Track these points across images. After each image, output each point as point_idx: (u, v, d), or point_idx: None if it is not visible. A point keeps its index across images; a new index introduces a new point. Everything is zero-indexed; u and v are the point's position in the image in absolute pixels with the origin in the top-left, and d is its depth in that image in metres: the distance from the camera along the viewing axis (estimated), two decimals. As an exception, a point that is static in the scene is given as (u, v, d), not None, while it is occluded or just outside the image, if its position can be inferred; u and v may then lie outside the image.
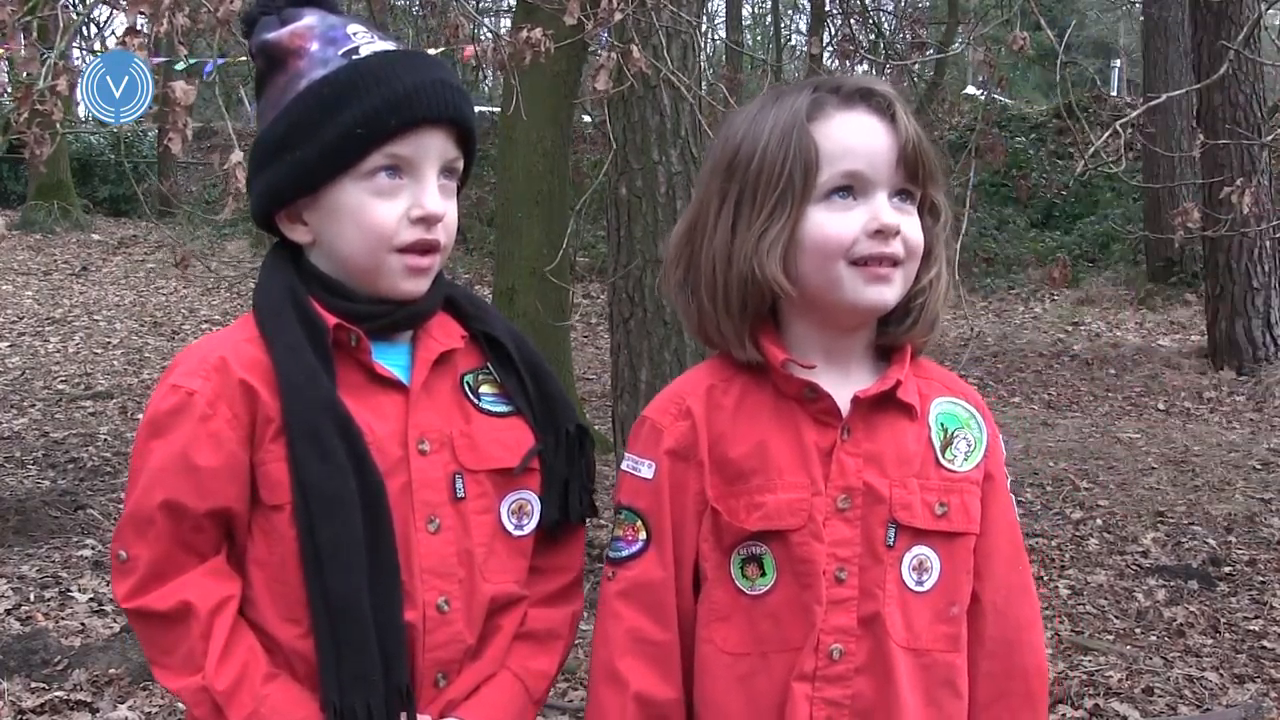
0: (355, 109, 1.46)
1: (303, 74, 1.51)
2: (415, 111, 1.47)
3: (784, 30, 22.27)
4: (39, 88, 3.27)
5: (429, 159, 1.50)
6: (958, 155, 7.61)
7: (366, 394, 1.51)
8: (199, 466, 1.46)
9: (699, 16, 4.86)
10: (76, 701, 3.74)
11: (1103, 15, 23.41)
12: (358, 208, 1.49)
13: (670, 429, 1.53)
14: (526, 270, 7.06)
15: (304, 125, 1.48)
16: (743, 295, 1.50)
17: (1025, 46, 4.30)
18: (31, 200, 15.47)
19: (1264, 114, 9.19)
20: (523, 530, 1.58)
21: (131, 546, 1.48)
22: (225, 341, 1.53)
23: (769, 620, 1.49)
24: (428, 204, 1.49)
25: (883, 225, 1.46)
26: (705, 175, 1.59)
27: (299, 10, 1.56)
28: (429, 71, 1.51)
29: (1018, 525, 1.62)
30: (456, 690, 1.53)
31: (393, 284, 1.52)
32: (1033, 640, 1.58)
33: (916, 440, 1.53)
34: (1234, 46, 6.14)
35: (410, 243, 1.50)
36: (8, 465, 6.72)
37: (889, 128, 1.49)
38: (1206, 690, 4.09)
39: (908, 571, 1.50)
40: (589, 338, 11.48)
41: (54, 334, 10.63)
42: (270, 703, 1.45)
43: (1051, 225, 15.56)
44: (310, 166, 1.49)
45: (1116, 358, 10.66)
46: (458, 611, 1.52)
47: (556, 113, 7.13)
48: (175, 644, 1.47)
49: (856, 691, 1.48)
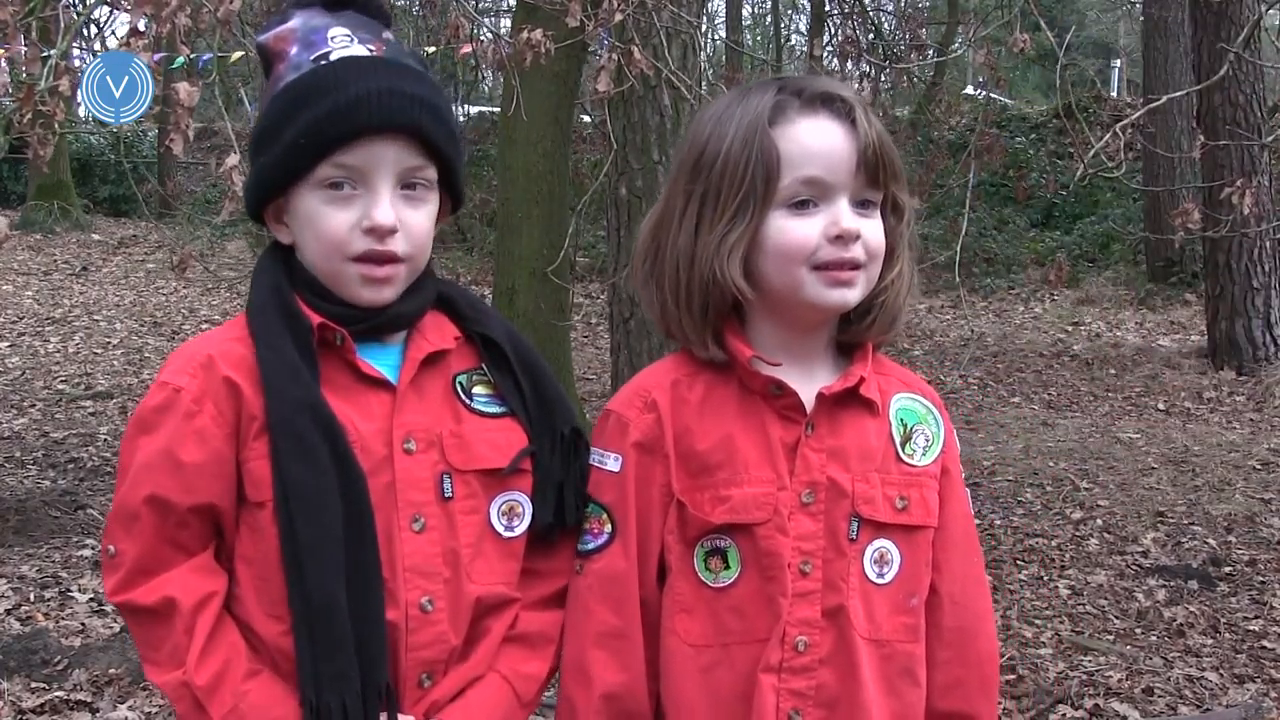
0: (302, 119, 1.47)
1: (281, 78, 1.53)
2: (355, 122, 1.47)
3: (784, 30, 22.27)
4: (40, 88, 3.27)
5: (380, 169, 1.49)
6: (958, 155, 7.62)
7: (353, 393, 1.52)
8: (183, 462, 1.48)
9: (699, 17, 4.86)
10: (76, 701, 3.74)
11: (1103, 15, 23.41)
12: (313, 215, 1.51)
13: (636, 422, 1.55)
14: (526, 270, 7.06)
15: (269, 131, 1.51)
16: (704, 296, 1.53)
17: (1026, 48, 4.31)
18: (31, 200, 15.46)
19: (1264, 114, 9.18)
20: (514, 532, 1.58)
21: (119, 541, 1.50)
22: (214, 340, 1.55)
23: (732, 613, 1.52)
24: (376, 215, 1.49)
25: (843, 231, 1.49)
26: (673, 171, 1.62)
27: (295, 10, 1.57)
28: (380, 80, 1.49)
29: (972, 518, 1.67)
30: (441, 691, 1.53)
31: (353, 293, 1.53)
32: (988, 629, 1.63)
33: (878, 435, 1.57)
34: (1234, 49, 6.14)
35: (362, 253, 1.50)
36: (8, 465, 6.72)
37: (849, 132, 1.51)
38: (1206, 690, 4.09)
39: (869, 564, 1.54)
40: (589, 338, 11.48)
41: (54, 334, 10.62)
42: (250, 699, 1.46)
43: (1051, 225, 15.56)
44: (272, 172, 1.52)
45: (1116, 358, 10.66)
46: (442, 611, 1.52)
47: (556, 113, 7.13)
48: (161, 639, 1.49)
49: (821, 682, 1.51)
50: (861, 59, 9.18)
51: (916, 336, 11.86)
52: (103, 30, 17.26)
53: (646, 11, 3.85)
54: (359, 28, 1.56)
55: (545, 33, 3.72)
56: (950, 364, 10.53)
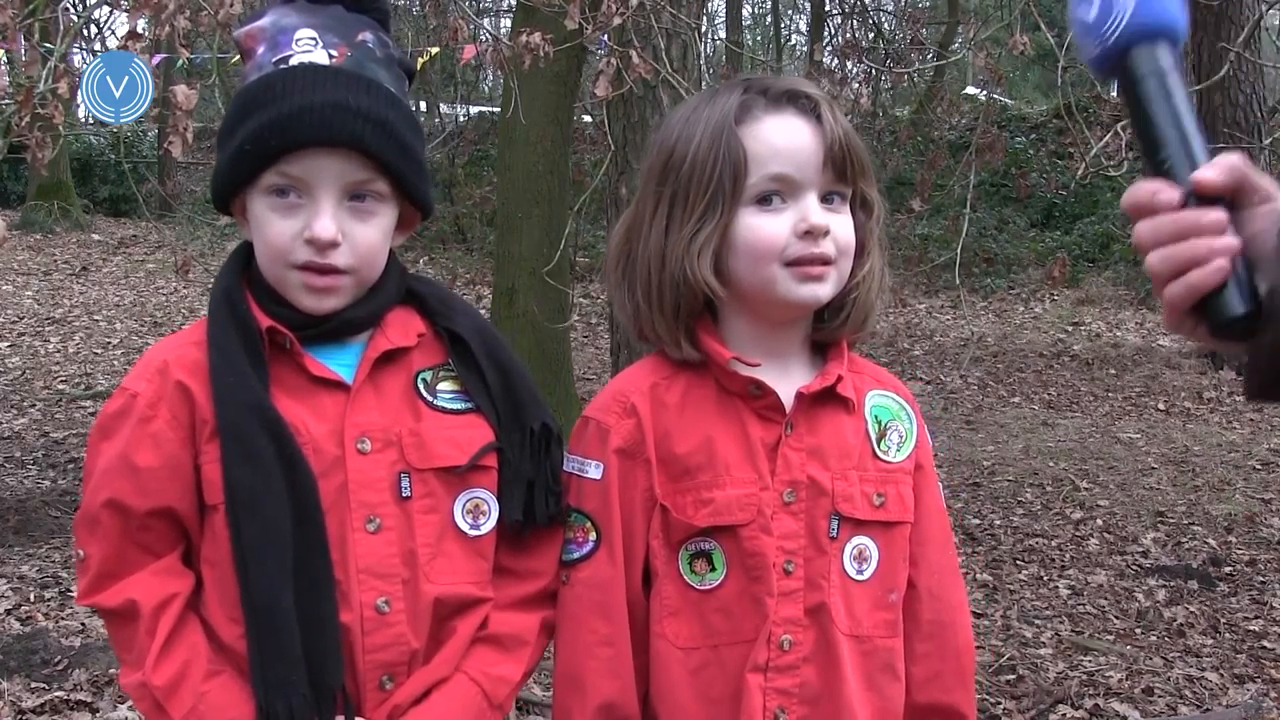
0: (250, 124, 1.48)
1: (246, 76, 1.54)
2: (296, 134, 1.46)
3: (784, 30, 22.27)
4: (40, 90, 3.27)
5: (323, 182, 1.49)
6: (958, 155, 7.61)
7: (305, 394, 1.52)
8: (139, 467, 1.49)
9: (699, 18, 4.86)
10: (76, 701, 3.74)
11: (1103, 15, 23.36)
12: (260, 220, 1.52)
13: (617, 428, 1.55)
14: (526, 270, 7.06)
15: (225, 130, 1.53)
16: (675, 296, 1.54)
17: (1026, 49, 4.31)
18: (31, 200, 15.46)
19: (1264, 114, 9.18)
20: (479, 530, 1.56)
21: (85, 545, 1.52)
22: (172, 345, 1.56)
23: (720, 614, 1.53)
24: (315, 228, 1.48)
25: (811, 226, 1.50)
26: (643, 175, 1.63)
27: (273, 6, 1.56)
28: (327, 93, 1.47)
29: (945, 511, 1.68)
30: (404, 694, 1.51)
31: (297, 299, 1.53)
32: (963, 620, 1.65)
33: (854, 433, 1.58)
34: (1234, 49, 6.14)
35: (303, 262, 1.50)
36: (8, 465, 6.72)
37: (815, 129, 1.52)
38: (1206, 690, 4.09)
39: (849, 561, 1.55)
40: (589, 338, 11.48)
41: (54, 334, 10.63)
42: (210, 699, 1.47)
43: (1051, 225, 15.55)
44: (223, 174, 1.53)
45: (1116, 358, 10.66)
46: (400, 613, 1.50)
47: (556, 112, 7.13)
48: (129, 641, 1.50)
49: (804, 680, 1.52)
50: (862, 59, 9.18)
51: (916, 336, 11.87)
52: (102, 30, 17.26)
53: (646, 13, 3.85)
54: (331, 29, 1.53)
55: (544, 35, 3.72)
56: (950, 364, 10.53)
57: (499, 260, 7.66)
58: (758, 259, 1.51)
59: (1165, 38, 1.06)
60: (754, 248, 1.51)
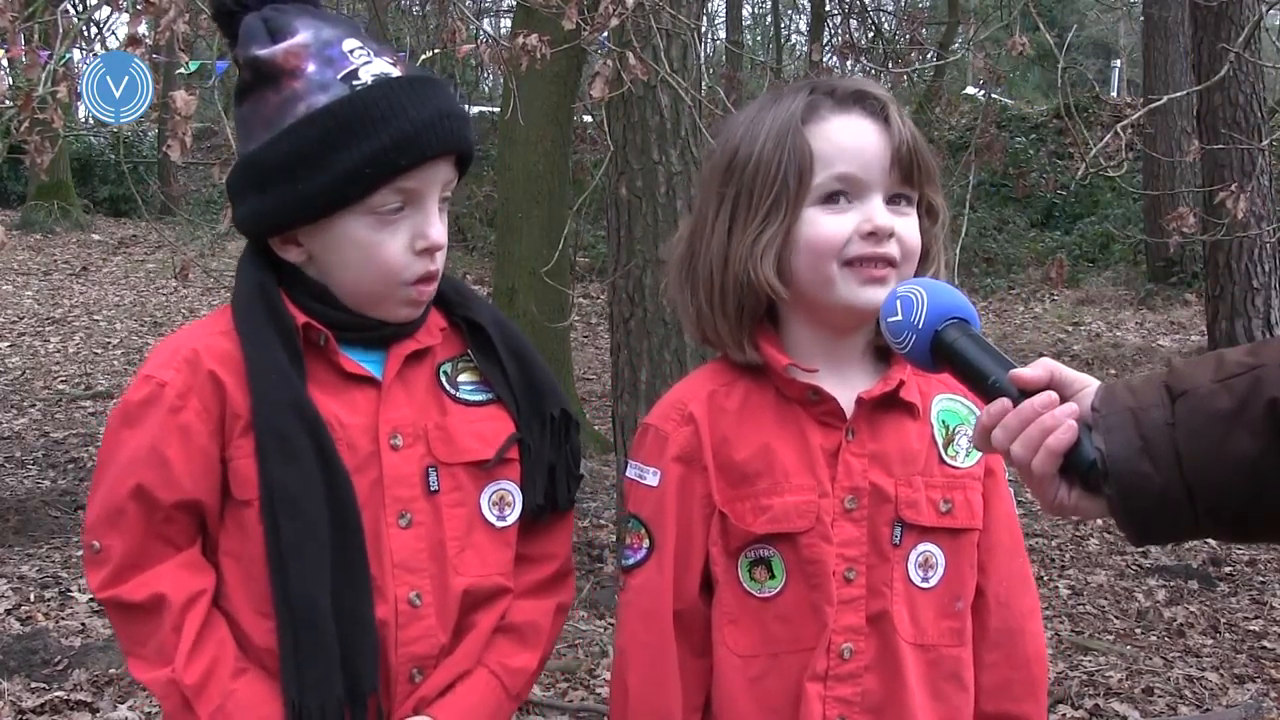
0: (364, 147, 1.44)
1: (299, 97, 1.47)
2: (425, 150, 1.47)
3: (784, 30, 22.27)
4: (39, 94, 3.27)
5: (434, 189, 1.50)
6: (958, 155, 7.62)
7: (338, 390, 1.52)
8: (169, 459, 1.47)
9: (698, 18, 4.87)
10: (76, 701, 3.74)
11: (1103, 15, 23.40)
12: (365, 242, 1.49)
13: (675, 435, 1.54)
14: (526, 270, 7.07)
15: (308, 157, 1.46)
16: (738, 297, 1.52)
17: (1025, 50, 4.31)
18: (31, 200, 15.46)
19: (1264, 115, 9.17)
20: (505, 521, 1.58)
21: (104, 537, 1.49)
22: (199, 333, 1.54)
23: (779, 622, 1.51)
24: (433, 235, 1.50)
25: (876, 227, 1.48)
26: (706, 177, 1.61)
27: (288, 19, 1.51)
28: (434, 103, 1.48)
29: (1016, 517, 1.65)
30: (429, 687, 1.53)
31: (393, 313, 1.53)
32: (1034, 629, 1.61)
33: (919, 439, 1.55)
34: (1234, 49, 6.14)
35: (419, 276, 1.50)
36: (8, 465, 6.73)
37: (883, 130, 1.50)
38: (1206, 690, 4.10)
39: (914, 569, 1.52)
40: (589, 338, 11.48)
41: (54, 334, 10.63)
42: (237, 697, 1.46)
43: (1051, 225, 15.55)
44: (315, 200, 1.47)
45: (1117, 358, 10.66)
46: (430, 606, 1.52)
47: (557, 112, 7.14)
48: (148, 635, 1.49)
49: (866, 689, 1.50)
50: (861, 59, 9.17)
51: (916, 336, 11.84)
52: (102, 30, 17.25)
53: (645, 13, 3.86)
54: (355, 34, 1.53)
55: (542, 37, 3.73)
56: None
57: (499, 260, 7.67)
58: (818, 256, 1.48)
59: (958, 318, 1.30)
60: (814, 245, 1.48)
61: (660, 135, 4.37)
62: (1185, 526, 1.16)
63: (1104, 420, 1.15)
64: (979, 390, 1.25)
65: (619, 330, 4.56)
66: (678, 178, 4.39)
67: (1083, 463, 1.16)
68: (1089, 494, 1.18)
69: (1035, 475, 1.18)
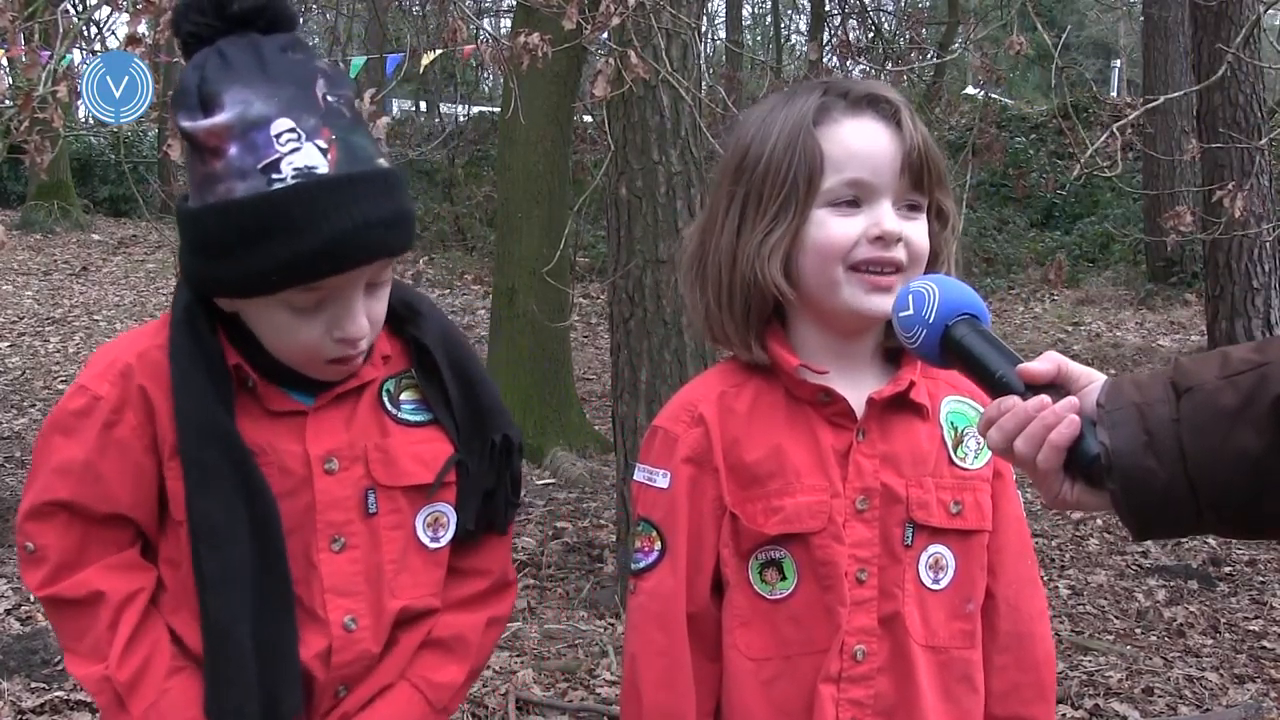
0: (276, 253, 1.36)
1: (219, 178, 1.38)
2: (340, 264, 1.38)
3: (784, 30, 22.27)
4: (39, 93, 3.27)
5: (356, 286, 1.43)
6: (958, 155, 7.63)
7: (269, 417, 1.50)
8: (103, 474, 1.47)
9: (699, 18, 4.87)
10: (76, 701, 3.74)
11: (1103, 15, 23.40)
12: (282, 326, 1.45)
13: (685, 437, 1.54)
14: (526, 270, 7.07)
15: (221, 246, 1.39)
16: (745, 297, 1.52)
17: (1023, 50, 4.32)
18: (31, 200, 15.44)
19: (1263, 115, 9.17)
20: (439, 543, 1.57)
21: (38, 538, 1.49)
22: (136, 343, 1.52)
23: (791, 624, 1.51)
24: (350, 330, 1.44)
25: (884, 232, 1.47)
26: (717, 175, 1.61)
27: (223, 84, 1.38)
28: (359, 208, 1.37)
29: (1025, 520, 1.65)
30: (352, 702, 1.53)
31: (317, 374, 1.51)
32: (1043, 631, 1.61)
33: (929, 440, 1.55)
34: (1232, 49, 6.14)
35: (334, 358, 1.47)
36: (8, 465, 6.73)
37: (894, 134, 1.50)
38: (1206, 690, 4.10)
39: (924, 570, 1.52)
40: (589, 338, 11.48)
41: (54, 334, 10.63)
42: (170, 696, 1.47)
43: (1051, 225, 15.56)
44: (226, 283, 1.43)
45: (1117, 358, 10.66)
46: (365, 629, 1.51)
47: (557, 112, 7.14)
48: (84, 631, 1.49)
49: (879, 691, 1.50)
50: (859, 59, 9.17)
51: (916, 336, 11.84)
52: (102, 30, 17.25)
53: (645, 13, 3.86)
54: (296, 103, 1.39)
55: (543, 36, 3.73)
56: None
57: (499, 260, 7.67)
58: (824, 258, 1.48)
59: (968, 314, 1.31)
60: (820, 246, 1.48)
61: (660, 135, 4.37)
62: (1188, 522, 1.16)
63: (1109, 415, 1.16)
64: (986, 385, 1.26)
65: (619, 330, 4.56)
66: (678, 178, 4.39)
67: (1086, 457, 1.17)
68: (1092, 489, 1.19)
69: (1039, 470, 1.19)
